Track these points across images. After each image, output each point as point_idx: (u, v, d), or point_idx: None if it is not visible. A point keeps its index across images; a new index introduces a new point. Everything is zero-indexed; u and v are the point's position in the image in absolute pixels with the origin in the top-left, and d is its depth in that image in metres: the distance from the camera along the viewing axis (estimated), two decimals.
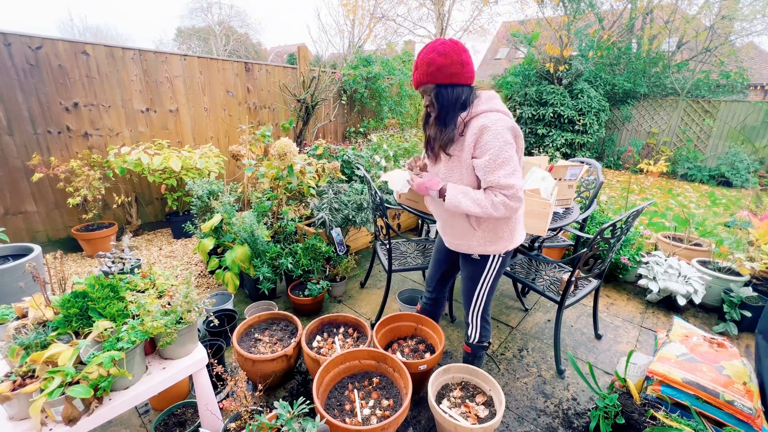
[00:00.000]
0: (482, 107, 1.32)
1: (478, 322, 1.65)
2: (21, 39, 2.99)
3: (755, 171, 6.81)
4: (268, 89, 4.82)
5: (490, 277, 1.56)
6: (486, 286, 1.58)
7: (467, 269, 1.60)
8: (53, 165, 3.21)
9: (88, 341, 1.14)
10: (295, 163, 2.59)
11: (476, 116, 1.32)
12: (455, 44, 1.28)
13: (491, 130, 1.26)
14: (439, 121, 1.36)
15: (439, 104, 1.33)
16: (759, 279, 2.61)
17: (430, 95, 1.34)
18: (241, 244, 2.47)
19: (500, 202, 1.28)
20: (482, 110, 1.31)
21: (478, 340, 1.68)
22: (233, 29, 21.13)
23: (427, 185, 1.41)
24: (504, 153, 1.26)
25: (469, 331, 1.69)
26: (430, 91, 1.33)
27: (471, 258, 1.56)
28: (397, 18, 11.68)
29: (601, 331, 2.43)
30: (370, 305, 2.68)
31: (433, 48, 1.27)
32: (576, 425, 1.73)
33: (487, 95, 1.35)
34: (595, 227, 3.18)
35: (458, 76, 1.29)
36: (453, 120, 1.34)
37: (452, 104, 1.32)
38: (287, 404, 1.27)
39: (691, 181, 7.72)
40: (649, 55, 8.58)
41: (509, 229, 1.45)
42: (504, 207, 1.28)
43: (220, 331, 2.10)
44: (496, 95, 1.36)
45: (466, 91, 1.33)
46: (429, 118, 1.44)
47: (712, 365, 1.47)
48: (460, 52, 1.28)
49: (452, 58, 1.26)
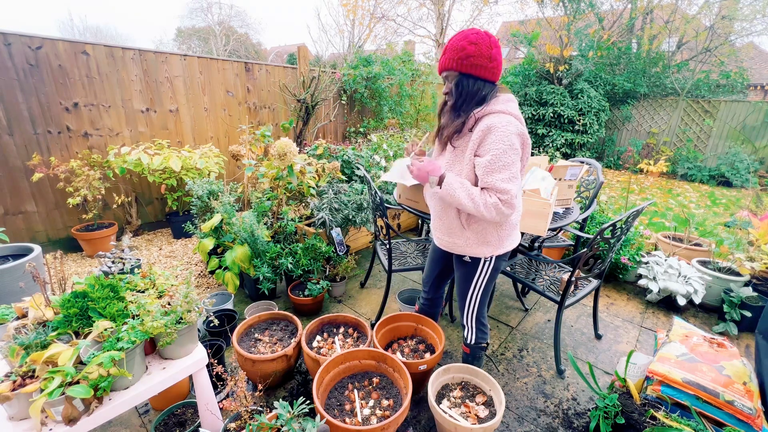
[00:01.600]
0: (498, 107, 1.30)
1: (473, 323, 1.66)
2: (21, 39, 2.99)
3: (755, 171, 6.80)
4: (268, 89, 4.82)
5: (482, 280, 1.55)
6: (479, 288, 1.57)
7: (459, 271, 1.60)
8: (53, 165, 3.21)
9: (88, 341, 1.14)
10: (295, 163, 2.59)
11: (488, 114, 1.30)
12: (488, 37, 1.26)
13: (499, 131, 1.24)
14: (453, 109, 1.35)
15: (458, 93, 1.31)
16: (759, 279, 2.61)
17: (451, 82, 1.33)
18: (241, 244, 2.47)
19: (493, 205, 1.26)
20: (497, 110, 1.29)
21: (475, 341, 1.69)
22: (233, 29, 21.13)
23: (428, 169, 1.36)
24: (506, 157, 1.24)
25: (466, 332, 1.70)
26: (453, 78, 1.32)
27: (462, 260, 1.56)
28: (397, 18, 11.70)
29: (601, 331, 2.43)
30: (370, 305, 2.68)
31: (466, 36, 1.26)
32: (576, 425, 1.73)
33: (505, 97, 1.34)
34: (595, 227, 3.18)
35: (484, 69, 1.27)
36: (467, 112, 1.32)
37: (471, 96, 1.30)
38: (287, 404, 1.27)
39: (691, 181, 7.72)
40: (649, 55, 8.57)
41: (498, 235, 1.43)
42: (495, 210, 1.27)
43: (220, 331, 2.10)
44: (514, 99, 1.35)
45: (487, 86, 1.31)
46: (445, 106, 1.42)
47: (712, 365, 1.47)
48: (491, 46, 1.26)
49: (482, 50, 1.25)
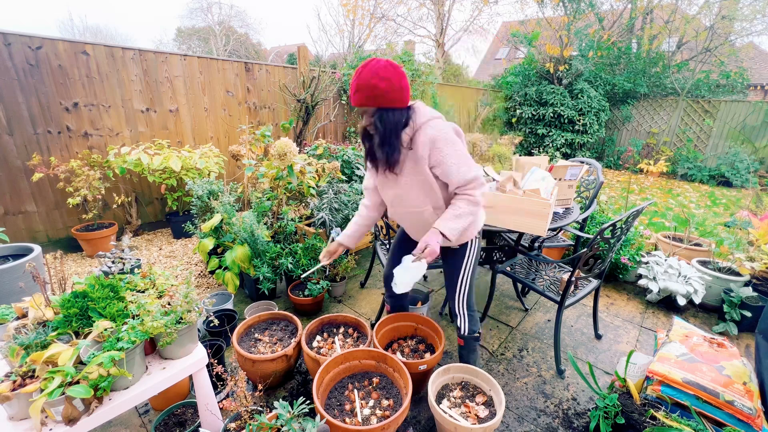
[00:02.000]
0: (422, 119, 1.37)
1: (465, 310, 1.69)
2: (21, 39, 2.99)
3: (755, 171, 6.80)
4: (268, 89, 4.82)
5: (469, 262, 1.63)
6: (468, 272, 1.64)
7: (449, 260, 1.67)
8: (53, 165, 3.21)
9: (88, 341, 1.14)
10: (295, 163, 2.59)
11: (420, 128, 1.36)
12: (395, 69, 1.29)
13: (441, 138, 1.34)
14: (382, 144, 1.38)
15: (383, 127, 1.35)
16: (759, 279, 2.61)
17: (371, 117, 1.36)
18: (241, 244, 2.47)
19: (475, 199, 1.39)
20: (423, 121, 1.37)
21: (468, 330, 1.70)
22: (233, 29, 21.13)
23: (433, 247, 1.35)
24: (458, 152, 1.36)
25: (458, 322, 1.72)
26: (372, 113, 1.36)
27: (451, 249, 1.63)
28: (397, 18, 11.72)
29: (601, 331, 2.43)
30: (370, 305, 2.68)
31: (376, 72, 1.27)
32: (576, 425, 1.73)
33: (418, 106, 1.41)
34: (595, 227, 3.18)
35: (399, 101, 1.33)
36: (397, 141, 1.38)
37: (395, 126, 1.36)
38: (287, 404, 1.27)
39: (691, 181, 7.73)
40: (649, 55, 8.57)
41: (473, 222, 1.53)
42: (480, 196, 1.40)
43: (220, 331, 2.10)
44: (423, 104, 1.43)
45: (405, 112, 1.37)
46: (370, 136, 1.44)
47: (712, 365, 1.47)
48: (401, 78, 1.30)
49: (394, 85, 1.29)
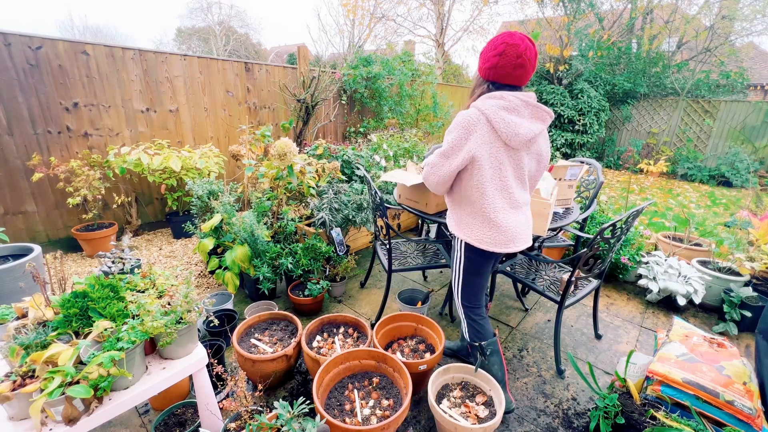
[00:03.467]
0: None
1: (461, 311, 1.68)
2: (21, 39, 2.99)
3: (755, 171, 6.80)
4: (268, 89, 4.82)
5: (458, 261, 1.59)
6: (458, 270, 1.61)
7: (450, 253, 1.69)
8: (53, 165, 3.21)
9: (88, 341, 1.14)
10: (295, 163, 2.59)
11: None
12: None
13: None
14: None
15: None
16: (759, 279, 2.61)
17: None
18: (241, 244, 2.47)
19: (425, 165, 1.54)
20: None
21: (468, 337, 1.70)
22: (233, 29, 21.13)
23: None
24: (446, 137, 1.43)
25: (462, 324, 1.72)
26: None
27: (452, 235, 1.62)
28: (397, 18, 11.72)
29: (601, 331, 2.43)
30: (370, 305, 2.68)
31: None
32: (576, 425, 1.73)
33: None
34: (595, 227, 3.17)
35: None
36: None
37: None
38: (287, 404, 1.27)
39: (691, 181, 7.72)
40: (649, 55, 8.57)
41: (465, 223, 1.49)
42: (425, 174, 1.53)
43: (220, 331, 2.10)
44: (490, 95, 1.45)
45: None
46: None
47: (712, 365, 1.47)
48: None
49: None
